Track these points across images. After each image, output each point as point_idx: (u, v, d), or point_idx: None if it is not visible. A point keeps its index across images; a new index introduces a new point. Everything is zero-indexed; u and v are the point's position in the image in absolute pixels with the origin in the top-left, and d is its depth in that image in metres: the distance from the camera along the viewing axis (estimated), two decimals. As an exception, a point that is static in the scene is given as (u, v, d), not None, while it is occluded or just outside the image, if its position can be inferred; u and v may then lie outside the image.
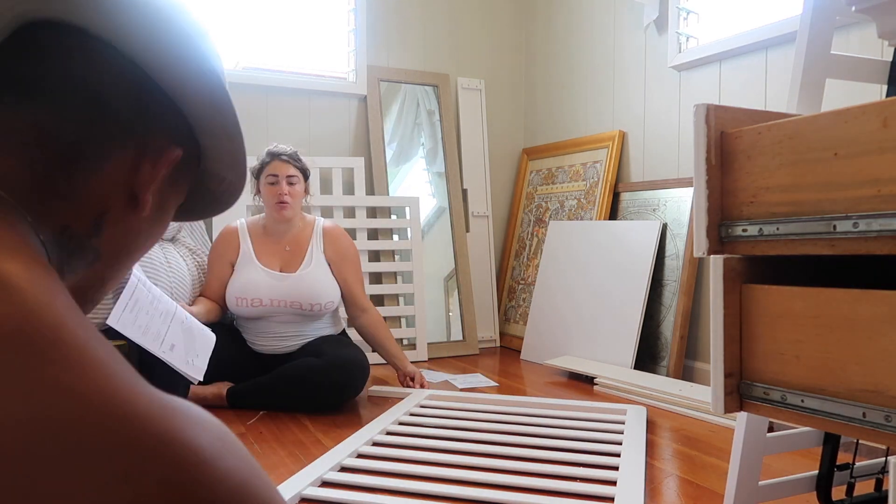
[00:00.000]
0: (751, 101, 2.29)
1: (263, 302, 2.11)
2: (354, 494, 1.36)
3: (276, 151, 2.16)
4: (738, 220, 0.82)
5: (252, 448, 1.70)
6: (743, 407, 0.84)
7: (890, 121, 0.66)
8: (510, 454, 1.61)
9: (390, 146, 3.10)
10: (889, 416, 0.66)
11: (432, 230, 3.13)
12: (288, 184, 2.14)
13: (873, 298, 0.68)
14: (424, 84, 3.20)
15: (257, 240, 2.22)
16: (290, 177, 2.14)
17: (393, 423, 1.85)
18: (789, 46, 2.16)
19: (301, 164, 2.19)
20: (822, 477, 1.19)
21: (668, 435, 1.83)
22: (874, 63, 1.21)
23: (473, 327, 3.07)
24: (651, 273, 2.48)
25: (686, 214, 2.47)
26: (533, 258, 3.16)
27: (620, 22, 2.87)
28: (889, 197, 0.66)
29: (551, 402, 2.07)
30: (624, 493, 1.36)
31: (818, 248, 0.74)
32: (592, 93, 3.03)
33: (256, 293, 2.12)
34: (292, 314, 2.15)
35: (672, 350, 2.40)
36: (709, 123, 0.83)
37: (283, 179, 2.13)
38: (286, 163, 2.14)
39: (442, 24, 3.27)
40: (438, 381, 2.47)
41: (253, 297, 2.11)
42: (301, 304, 2.12)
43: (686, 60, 2.50)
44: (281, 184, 2.12)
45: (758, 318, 0.81)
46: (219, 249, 2.22)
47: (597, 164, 2.92)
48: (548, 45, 3.32)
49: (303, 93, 2.95)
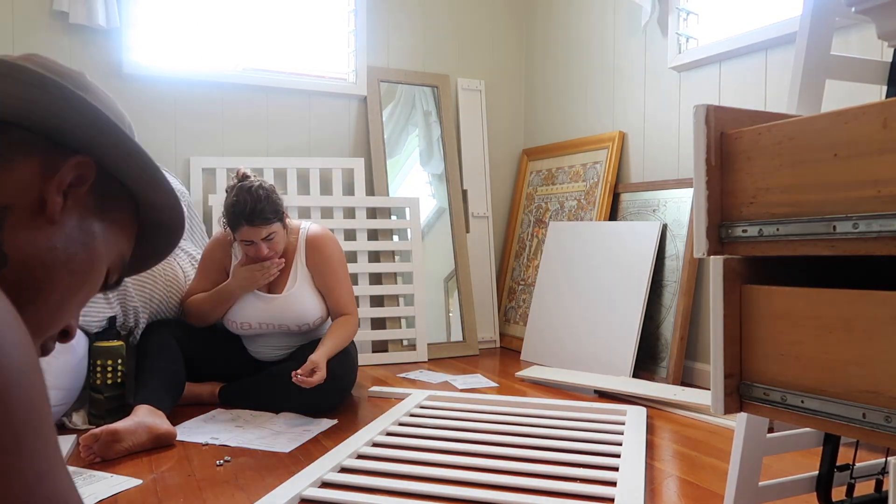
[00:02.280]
0: (751, 102, 2.29)
1: (252, 325, 2.10)
2: (354, 495, 1.36)
3: (242, 214, 1.91)
4: (738, 221, 0.82)
5: (251, 449, 1.70)
6: (743, 408, 0.84)
7: (890, 121, 0.66)
8: (510, 455, 1.61)
9: (390, 146, 3.10)
10: (889, 417, 0.66)
11: (432, 231, 3.13)
12: (266, 240, 1.97)
13: (873, 299, 0.68)
14: (424, 85, 3.20)
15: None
16: (266, 237, 1.96)
17: (392, 423, 1.85)
18: (789, 47, 2.16)
19: (275, 216, 1.96)
20: (822, 477, 1.18)
21: (668, 436, 1.82)
22: (874, 64, 1.21)
23: (473, 328, 3.07)
24: (651, 274, 2.48)
25: (686, 215, 2.47)
26: (533, 259, 3.16)
27: (620, 23, 2.87)
28: (889, 198, 0.66)
29: (551, 403, 2.07)
30: (624, 493, 1.35)
31: (818, 249, 0.74)
32: (592, 93, 3.03)
33: (245, 318, 2.09)
34: (283, 333, 2.15)
35: (672, 351, 2.40)
36: (709, 124, 0.83)
37: (261, 242, 1.97)
38: (258, 227, 1.93)
39: (442, 25, 3.27)
40: (438, 381, 2.47)
41: (242, 321, 2.10)
42: (289, 326, 2.11)
43: (686, 61, 2.50)
44: (259, 246, 1.97)
45: (758, 318, 0.81)
46: (215, 255, 2.15)
47: (597, 164, 2.92)
48: (548, 46, 3.32)
49: (303, 93, 2.96)
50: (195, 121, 2.76)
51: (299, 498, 1.36)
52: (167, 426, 1.73)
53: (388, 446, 1.68)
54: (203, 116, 2.77)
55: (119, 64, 2.61)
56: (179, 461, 1.61)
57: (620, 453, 1.60)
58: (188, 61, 2.77)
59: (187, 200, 2.41)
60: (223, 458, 1.63)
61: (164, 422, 1.75)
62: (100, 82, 2.55)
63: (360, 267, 2.85)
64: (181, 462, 1.61)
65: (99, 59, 2.58)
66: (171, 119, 2.72)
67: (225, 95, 2.81)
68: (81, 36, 2.55)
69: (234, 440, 1.75)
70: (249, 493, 1.41)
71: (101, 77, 2.58)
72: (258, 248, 1.98)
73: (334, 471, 1.50)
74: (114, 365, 1.92)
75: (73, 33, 2.54)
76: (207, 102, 2.78)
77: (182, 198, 2.39)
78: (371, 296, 2.88)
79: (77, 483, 1.45)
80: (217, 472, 1.54)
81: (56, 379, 1.79)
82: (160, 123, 2.70)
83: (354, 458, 1.59)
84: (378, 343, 2.89)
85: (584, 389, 2.29)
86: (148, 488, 1.44)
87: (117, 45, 2.60)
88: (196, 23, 2.79)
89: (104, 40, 2.59)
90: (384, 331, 2.87)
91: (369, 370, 2.68)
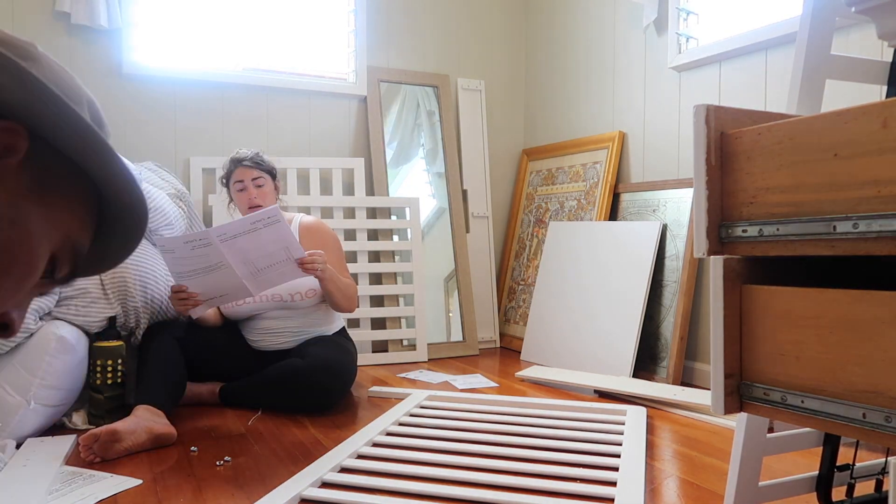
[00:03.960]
0: (751, 102, 2.29)
1: (247, 300, 2.11)
2: (354, 495, 1.36)
3: (238, 157, 2.18)
4: (738, 221, 0.82)
5: (251, 448, 1.70)
6: (743, 407, 0.84)
7: (890, 121, 0.66)
8: (510, 455, 1.61)
9: (390, 147, 3.10)
10: (889, 417, 0.66)
11: (432, 231, 3.13)
12: (256, 186, 2.16)
13: (873, 299, 0.68)
14: (424, 85, 3.20)
15: None
16: (255, 179, 2.16)
17: (392, 423, 1.85)
18: (789, 47, 2.16)
19: (266, 165, 2.21)
20: (822, 477, 1.18)
21: (668, 436, 1.82)
22: (874, 64, 1.21)
23: (473, 328, 3.07)
24: (651, 274, 2.48)
25: (686, 215, 2.47)
26: (533, 259, 3.16)
27: (620, 22, 2.87)
28: (889, 198, 0.66)
29: (551, 403, 2.07)
30: (624, 493, 1.35)
31: (818, 249, 0.73)
32: (592, 93, 3.03)
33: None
34: (278, 308, 2.15)
35: (672, 351, 2.40)
36: (709, 124, 0.83)
37: (251, 184, 2.15)
38: (249, 168, 2.16)
39: (442, 25, 3.27)
40: (438, 381, 2.47)
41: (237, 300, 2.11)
42: (282, 296, 2.13)
43: (686, 61, 2.50)
44: (249, 189, 2.16)
45: (758, 318, 0.81)
46: None
47: (597, 164, 2.92)
48: (548, 46, 3.32)
49: (303, 94, 2.96)
50: (195, 121, 2.76)
51: (299, 498, 1.36)
52: (167, 426, 1.73)
53: (388, 446, 1.68)
54: (203, 116, 2.77)
55: (119, 64, 2.61)
56: (179, 461, 1.61)
57: (620, 453, 1.60)
58: (188, 61, 2.77)
59: (187, 200, 2.41)
60: (223, 458, 1.63)
61: (164, 422, 1.75)
62: (100, 82, 2.57)
63: (360, 267, 2.85)
64: (181, 462, 1.61)
65: (100, 60, 2.58)
66: (171, 119, 2.72)
67: (225, 95, 2.81)
68: (83, 36, 2.55)
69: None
70: (249, 493, 1.41)
71: (102, 77, 2.58)
72: (248, 192, 2.15)
73: (334, 471, 1.50)
74: (114, 365, 1.92)
75: (74, 34, 2.54)
76: (207, 102, 2.78)
77: (182, 198, 2.39)
78: (371, 296, 2.88)
79: (77, 483, 1.45)
80: (217, 472, 1.54)
81: (56, 379, 1.79)
82: (160, 123, 2.70)
83: (354, 458, 1.59)
84: (378, 343, 2.89)
85: (584, 389, 2.29)
86: (148, 488, 1.44)
87: (118, 45, 2.60)
88: (196, 23, 2.79)
89: (105, 41, 2.59)
90: (384, 331, 2.87)
91: (369, 370, 2.68)
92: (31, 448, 1.66)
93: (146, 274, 2.08)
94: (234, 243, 1.78)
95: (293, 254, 1.86)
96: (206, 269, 1.82)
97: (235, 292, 1.90)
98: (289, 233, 1.81)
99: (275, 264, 1.86)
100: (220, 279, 1.84)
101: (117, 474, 1.51)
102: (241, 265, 1.82)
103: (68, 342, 1.82)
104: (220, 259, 1.79)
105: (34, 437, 1.75)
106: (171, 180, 2.45)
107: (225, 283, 1.85)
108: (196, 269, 1.82)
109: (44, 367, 1.77)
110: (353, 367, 2.14)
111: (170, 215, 2.23)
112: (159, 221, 2.18)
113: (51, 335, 1.80)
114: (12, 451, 1.65)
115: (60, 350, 1.80)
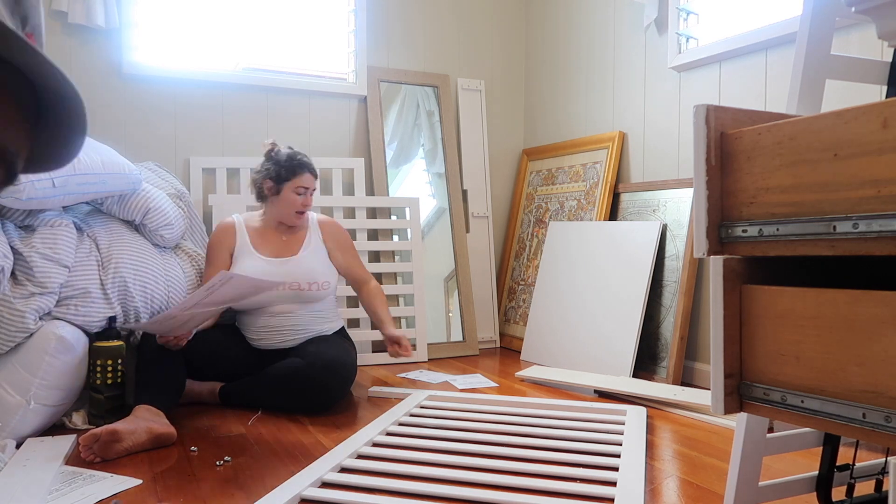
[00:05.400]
0: (751, 102, 2.29)
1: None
2: (354, 495, 1.36)
3: (306, 163, 2.24)
4: (738, 221, 0.82)
5: (251, 448, 1.70)
6: (743, 407, 0.84)
7: (890, 121, 0.66)
8: (510, 455, 1.61)
9: (390, 147, 3.10)
10: (889, 417, 0.66)
11: (432, 231, 3.13)
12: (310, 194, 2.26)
13: (873, 299, 0.68)
14: (424, 85, 3.20)
15: (254, 234, 2.26)
16: (313, 190, 2.27)
17: (392, 423, 1.85)
18: (789, 47, 2.16)
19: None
20: (822, 478, 1.18)
21: (668, 436, 1.82)
22: (874, 64, 1.21)
23: (473, 328, 3.07)
24: (651, 274, 2.48)
25: (686, 215, 2.47)
26: (533, 259, 3.16)
27: (620, 22, 2.87)
28: (889, 198, 0.66)
29: (551, 403, 2.07)
30: (624, 493, 1.35)
31: (818, 249, 0.73)
32: (592, 93, 3.03)
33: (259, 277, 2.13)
34: (291, 299, 2.16)
35: (672, 351, 2.40)
36: (709, 124, 0.83)
37: (310, 192, 2.25)
38: (313, 177, 2.25)
39: (442, 25, 3.27)
40: (438, 381, 2.47)
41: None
42: (300, 284, 2.17)
43: (686, 61, 2.50)
44: (307, 196, 2.24)
45: (758, 318, 0.80)
46: (217, 239, 2.25)
47: (597, 164, 2.92)
48: (548, 46, 3.32)
49: (303, 93, 2.95)
50: (195, 121, 2.76)
51: (299, 498, 1.36)
52: (167, 426, 1.73)
53: (388, 446, 1.68)
54: (203, 116, 2.77)
55: (119, 64, 2.61)
56: (179, 461, 1.61)
57: (620, 453, 1.60)
58: (188, 61, 2.77)
59: (187, 200, 2.41)
60: (223, 458, 1.63)
61: (164, 422, 1.75)
62: (99, 82, 2.57)
63: (360, 267, 2.85)
64: (181, 462, 1.61)
65: (98, 60, 2.58)
66: (171, 119, 2.72)
67: (225, 95, 2.81)
68: (80, 36, 2.55)
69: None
70: (249, 493, 1.41)
71: (101, 77, 2.58)
72: (306, 199, 2.24)
73: (334, 471, 1.50)
74: (114, 365, 1.92)
75: (72, 33, 2.54)
76: (207, 102, 2.78)
77: (182, 198, 2.39)
78: (371, 296, 2.88)
79: (77, 483, 1.45)
80: (217, 472, 1.54)
81: (56, 379, 1.79)
82: (160, 123, 2.69)
83: (354, 458, 1.59)
84: (378, 343, 2.89)
85: (584, 389, 2.29)
86: (148, 488, 1.44)
87: (117, 45, 2.60)
88: (196, 23, 2.79)
89: (104, 40, 2.58)
90: (384, 331, 2.87)
91: (369, 370, 2.68)
92: (31, 448, 1.66)
93: (146, 274, 2.08)
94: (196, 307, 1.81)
95: (264, 289, 1.90)
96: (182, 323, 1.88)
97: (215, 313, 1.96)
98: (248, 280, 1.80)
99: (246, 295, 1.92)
100: (197, 317, 1.89)
101: (117, 474, 1.51)
102: (211, 305, 1.86)
103: (68, 342, 1.82)
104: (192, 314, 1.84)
105: (34, 437, 1.75)
106: (171, 180, 2.45)
107: (205, 313, 1.89)
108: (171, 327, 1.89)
109: (44, 366, 1.77)
110: (353, 367, 2.15)
111: (170, 215, 2.23)
112: (159, 221, 2.18)
113: (50, 335, 1.80)
114: (12, 450, 1.65)
115: (60, 350, 1.80)
